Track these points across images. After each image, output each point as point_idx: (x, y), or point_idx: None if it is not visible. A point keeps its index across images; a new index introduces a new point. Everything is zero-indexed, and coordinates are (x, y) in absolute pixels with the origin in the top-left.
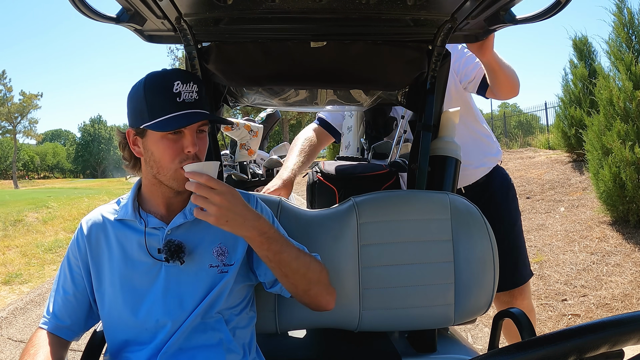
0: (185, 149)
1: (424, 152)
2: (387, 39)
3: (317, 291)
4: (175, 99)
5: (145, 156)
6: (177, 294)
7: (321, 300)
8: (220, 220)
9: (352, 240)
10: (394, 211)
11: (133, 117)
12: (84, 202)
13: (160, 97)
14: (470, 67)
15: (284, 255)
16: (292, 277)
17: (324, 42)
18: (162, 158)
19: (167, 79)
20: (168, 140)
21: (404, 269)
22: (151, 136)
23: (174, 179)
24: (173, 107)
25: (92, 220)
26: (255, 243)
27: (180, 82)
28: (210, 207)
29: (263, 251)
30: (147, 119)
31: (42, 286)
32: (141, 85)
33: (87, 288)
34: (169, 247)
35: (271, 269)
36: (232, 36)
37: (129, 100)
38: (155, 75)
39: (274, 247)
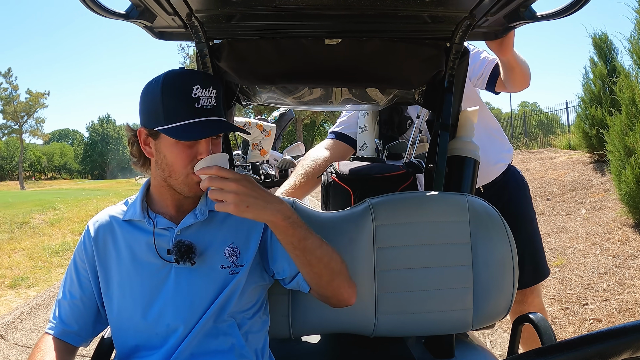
0: (200, 156)
1: (442, 152)
2: (404, 36)
3: (340, 282)
4: (194, 104)
5: (157, 158)
6: (187, 296)
7: (343, 292)
8: (241, 206)
9: (368, 243)
10: (411, 213)
11: (147, 117)
12: (92, 203)
13: (178, 101)
14: (477, 64)
15: (309, 242)
16: (317, 265)
17: (339, 40)
18: (174, 163)
19: (186, 82)
20: (182, 146)
21: (421, 272)
22: (165, 139)
23: (185, 184)
24: (191, 113)
25: (100, 222)
26: (280, 228)
27: (200, 87)
28: (227, 195)
29: (288, 237)
30: (162, 123)
31: (49, 290)
32: (158, 85)
33: (95, 292)
34: (179, 248)
35: (295, 257)
36: (245, 33)
37: (143, 99)
38: (173, 76)
39: (299, 233)
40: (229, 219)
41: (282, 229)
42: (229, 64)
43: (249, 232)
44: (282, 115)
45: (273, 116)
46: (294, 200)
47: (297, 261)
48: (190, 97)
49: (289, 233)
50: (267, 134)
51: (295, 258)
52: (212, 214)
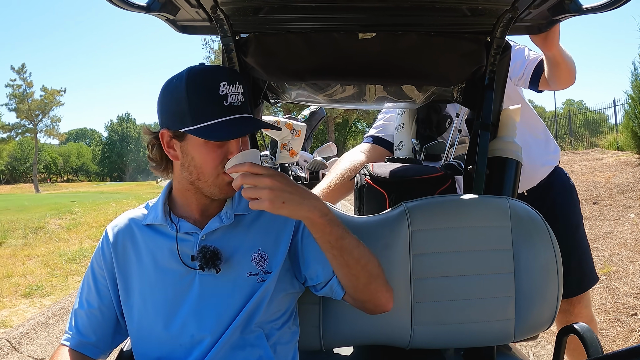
0: (230, 155)
1: (482, 153)
2: (442, 30)
3: (377, 286)
4: (222, 102)
5: (183, 161)
6: (213, 305)
7: (381, 297)
8: (276, 202)
9: (404, 250)
10: (449, 218)
11: (171, 118)
12: (111, 207)
13: (206, 100)
14: (519, 62)
15: (346, 242)
16: (354, 267)
17: (373, 34)
18: (204, 164)
19: (212, 79)
20: (212, 146)
21: (459, 280)
22: (192, 140)
23: (215, 185)
24: (220, 112)
25: (119, 226)
26: (318, 226)
27: (227, 83)
28: (262, 192)
29: (325, 235)
30: (189, 123)
31: (65, 299)
32: (182, 83)
33: (114, 300)
34: (203, 254)
35: (332, 258)
36: (273, 27)
37: (164, 98)
38: (197, 73)
39: (336, 231)
40: (256, 223)
41: (319, 226)
42: (256, 59)
43: (278, 237)
44: (312, 114)
45: (303, 115)
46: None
47: (334, 262)
48: (218, 95)
49: (327, 231)
50: (297, 134)
51: (332, 259)
52: (239, 217)
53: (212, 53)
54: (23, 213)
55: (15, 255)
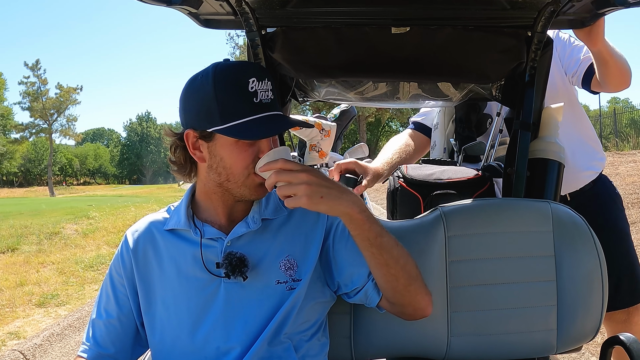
0: (261, 154)
1: (522, 154)
2: (480, 24)
3: (417, 288)
4: (252, 99)
5: (211, 162)
6: (239, 315)
7: (420, 300)
8: (314, 198)
9: (440, 256)
10: (488, 222)
11: (197, 118)
12: (130, 211)
13: (235, 98)
14: (574, 59)
15: (385, 240)
16: (394, 267)
17: (407, 28)
18: (234, 164)
19: (241, 75)
20: (243, 145)
21: (498, 289)
22: (221, 140)
23: (245, 186)
24: (250, 110)
25: (139, 231)
26: (357, 222)
27: (256, 79)
28: (298, 188)
29: (364, 232)
30: (218, 122)
31: (81, 309)
32: (209, 80)
33: (134, 310)
34: (229, 261)
35: (370, 257)
36: (301, 20)
37: (189, 97)
38: (224, 69)
39: (375, 228)
40: (284, 228)
41: (358, 222)
42: (283, 55)
43: (307, 242)
44: (343, 113)
45: (333, 114)
46: None
47: (373, 261)
48: (248, 92)
49: (365, 227)
50: (327, 134)
51: (370, 257)
52: (266, 222)
53: (237, 49)
54: (37, 218)
55: (29, 263)
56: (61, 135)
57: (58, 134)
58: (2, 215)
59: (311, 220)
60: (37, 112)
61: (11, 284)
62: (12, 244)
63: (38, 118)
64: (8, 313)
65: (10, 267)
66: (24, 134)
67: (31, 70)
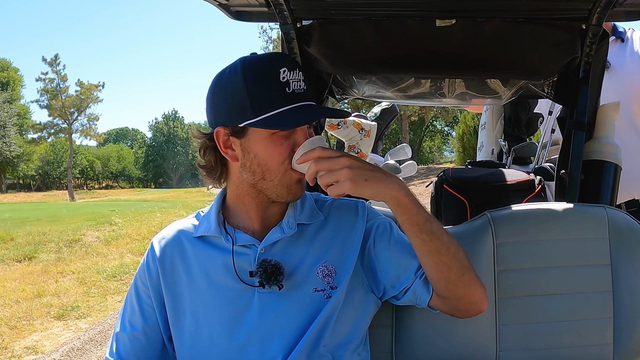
0: (297, 147)
1: (576, 155)
2: (531, 16)
3: (471, 278)
4: (285, 89)
5: (245, 160)
6: (275, 327)
7: (475, 292)
8: (358, 181)
9: (487, 265)
10: (539, 229)
11: (227, 113)
12: (156, 217)
13: (267, 88)
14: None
15: (434, 225)
16: (446, 254)
17: (452, 20)
18: (270, 159)
19: (271, 66)
20: (279, 138)
21: (551, 300)
22: (254, 135)
23: (283, 184)
24: (284, 100)
25: (166, 239)
26: (404, 206)
27: (287, 69)
28: (340, 173)
29: (413, 217)
30: (250, 115)
31: (104, 321)
32: (238, 73)
33: (160, 323)
34: (264, 269)
35: (420, 244)
36: (339, 12)
37: (217, 94)
38: (254, 61)
39: (423, 213)
40: (321, 233)
41: (406, 206)
42: (320, 49)
43: (345, 245)
44: (384, 112)
45: (373, 112)
46: None
47: (424, 249)
48: (279, 82)
49: (414, 212)
50: (366, 134)
51: (421, 244)
52: (302, 227)
53: (270, 42)
54: (56, 224)
55: (47, 272)
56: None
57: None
58: (18, 221)
59: (348, 224)
60: (56, 111)
61: (28, 295)
62: (29, 252)
63: (57, 117)
64: (25, 326)
65: (28, 277)
66: (42, 134)
67: (49, 65)
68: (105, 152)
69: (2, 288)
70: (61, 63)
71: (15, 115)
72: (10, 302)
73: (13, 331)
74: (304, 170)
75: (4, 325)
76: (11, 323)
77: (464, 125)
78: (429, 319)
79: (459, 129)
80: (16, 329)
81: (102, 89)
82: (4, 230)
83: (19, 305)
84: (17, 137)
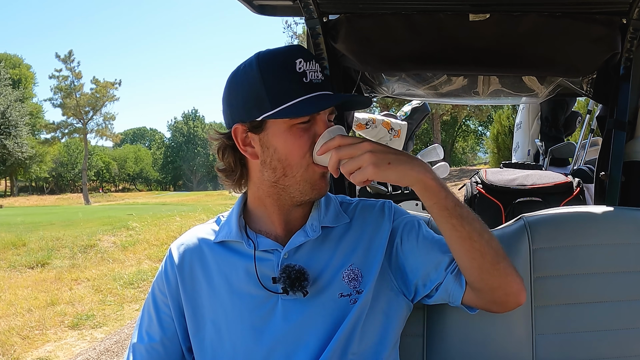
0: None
1: (617, 156)
2: (569, 10)
3: (507, 266)
4: (302, 79)
5: (264, 156)
6: (300, 335)
7: (512, 283)
8: (381, 165)
9: (523, 271)
10: (578, 234)
11: (244, 108)
12: (175, 222)
13: (284, 79)
14: None
15: (465, 210)
16: (478, 240)
17: (486, 15)
18: (291, 152)
19: (287, 57)
20: (298, 130)
21: (590, 308)
22: (273, 128)
23: (306, 180)
24: (301, 90)
25: (185, 245)
26: (432, 190)
27: (303, 60)
28: (362, 158)
29: (441, 200)
30: (268, 108)
31: (120, 331)
32: (253, 67)
33: (179, 333)
34: (287, 275)
35: (451, 230)
36: (367, 7)
37: (233, 90)
38: (269, 54)
39: (452, 198)
40: (346, 235)
41: (433, 190)
42: (347, 45)
43: (371, 247)
44: (414, 111)
45: (403, 111)
46: (430, 219)
47: (455, 235)
48: (296, 72)
49: (442, 195)
50: (396, 134)
51: (452, 231)
52: (327, 231)
53: (295, 38)
54: (70, 228)
55: (61, 279)
56: (97, 136)
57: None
58: (31, 225)
59: (374, 225)
60: (70, 110)
61: (41, 303)
62: (42, 258)
63: (71, 116)
64: (38, 336)
65: (41, 284)
66: (56, 134)
67: (63, 62)
68: (122, 153)
69: (14, 296)
70: (75, 59)
71: (28, 114)
72: (23, 310)
73: (25, 341)
74: (325, 162)
75: (15, 335)
76: (23, 333)
77: (498, 125)
78: (461, 328)
79: (493, 128)
80: (28, 339)
81: (118, 87)
82: (15, 235)
83: (32, 314)
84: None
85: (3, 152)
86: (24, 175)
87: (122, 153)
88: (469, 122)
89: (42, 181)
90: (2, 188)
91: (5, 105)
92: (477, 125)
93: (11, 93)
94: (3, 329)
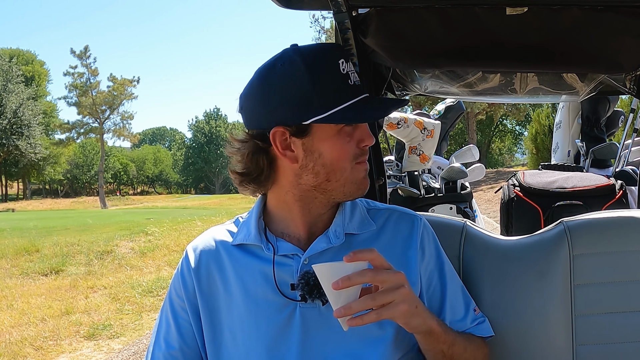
0: (362, 143)
1: None
2: (611, 3)
3: None
4: (347, 81)
5: (306, 161)
6: (318, 345)
7: None
8: (411, 306)
9: (563, 279)
10: (621, 239)
11: (288, 110)
12: (196, 226)
13: (333, 81)
14: None
15: (457, 347)
16: None
17: (525, 8)
18: (338, 158)
19: (329, 56)
20: (345, 135)
21: (634, 318)
22: (320, 133)
23: (352, 181)
24: (350, 93)
25: (201, 247)
26: (435, 335)
27: (344, 60)
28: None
29: (439, 345)
30: (319, 111)
31: (139, 342)
32: (298, 65)
33: (198, 339)
34: (306, 281)
35: None
36: (399, 0)
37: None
38: (312, 52)
39: (449, 337)
40: (373, 244)
41: (437, 335)
42: (378, 40)
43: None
44: (448, 109)
45: (437, 110)
46: (464, 224)
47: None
48: (341, 74)
49: (441, 339)
50: (429, 134)
51: None
52: (350, 237)
53: (323, 33)
54: (86, 233)
55: (76, 287)
56: (114, 136)
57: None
58: (45, 230)
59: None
60: (85, 109)
61: (55, 312)
62: (56, 265)
63: (87, 115)
64: (52, 346)
65: (55, 292)
66: (71, 134)
67: (79, 58)
68: (140, 154)
69: (27, 304)
70: (92, 56)
71: (41, 113)
72: (36, 320)
73: (39, 352)
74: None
75: (28, 346)
76: (37, 343)
77: (537, 125)
78: (497, 339)
79: (531, 128)
80: (42, 350)
81: (137, 85)
82: (28, 240)
83: (45, 323)
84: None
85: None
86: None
87: (140, 154)
88: (505, 122)
89: (56, 184)
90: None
91: (18, 103)
92: (514, 124)
93: (24, 91)
94: (16, 339)
